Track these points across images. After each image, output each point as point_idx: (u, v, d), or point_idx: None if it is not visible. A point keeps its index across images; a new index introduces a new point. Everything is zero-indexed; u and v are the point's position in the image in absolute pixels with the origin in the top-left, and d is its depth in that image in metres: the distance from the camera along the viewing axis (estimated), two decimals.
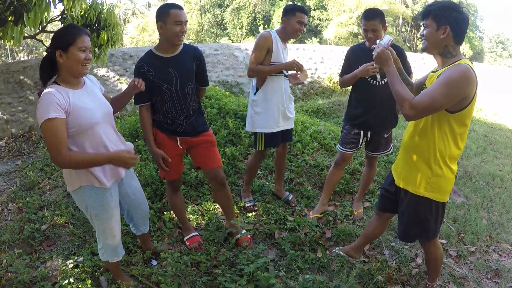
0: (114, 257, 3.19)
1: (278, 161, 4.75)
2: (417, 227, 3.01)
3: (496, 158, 7.67)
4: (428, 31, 2.70)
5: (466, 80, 2.51)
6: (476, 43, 38.38)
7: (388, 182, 3.29)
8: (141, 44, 37.13)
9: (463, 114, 2.65)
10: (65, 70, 2.69)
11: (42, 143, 7.29)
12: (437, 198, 2.87)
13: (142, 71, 3.37)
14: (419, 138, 2.85)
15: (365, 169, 4.68)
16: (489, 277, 3.80)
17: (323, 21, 38.86)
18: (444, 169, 2.80)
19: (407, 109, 2.60)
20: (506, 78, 17.42)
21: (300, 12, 4.05)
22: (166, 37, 3.36)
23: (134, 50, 10.83)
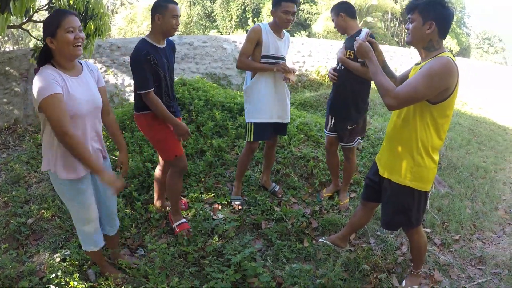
0: (91, 245, 3.12)
1: (267, 153, 4.76)
2: (400, 216, 3.06)
3: (480, 150, 7.76)
4: (414, 25, 2.74)
5: (448, 72, 2.57)
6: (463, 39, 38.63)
7: (373, 172, 3.33)
8: (129, 35, 36.82)
9: (444, 105, 2.69)
10: (59, 55, 2.67)
11: (28, 135, 7.23)
12: (419, 187, 2.92)
13: (148, 58, 3.43)
14: (402, 128, 2.90)
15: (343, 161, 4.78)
16: (473, 264, 3.87)
17: (312, 15, 38.77)
18: (426, 159, 2.85)
19: (389, 99, 2.65)
20: (492, 73, 17.56)
21: (285, 2, 4.03)
22: (162, 29, 3.53)
23: (122, 41, 10.75)
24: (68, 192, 2.88)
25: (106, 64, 10.22)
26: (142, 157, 5.14)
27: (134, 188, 4.58)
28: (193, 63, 11.58)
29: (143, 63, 3.41)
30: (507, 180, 6.34)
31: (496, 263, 3.87)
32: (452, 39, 36.02)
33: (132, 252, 3.83)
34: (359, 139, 4.54)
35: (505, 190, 5.90)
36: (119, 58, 10.27)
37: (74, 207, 2.95)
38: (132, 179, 4.71)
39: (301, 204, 4.68)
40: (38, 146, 6.19)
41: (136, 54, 3.44)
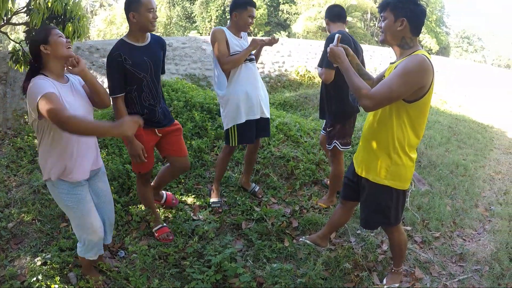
0: (91, 254, 3.14)
1: (248, 156, 4.70)
2: (379, 214, 3.06)
3: (459, 148, 7.82)
4: (386, 23, 2.75)
5: (422, 70, 2.57)
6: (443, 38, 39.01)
7: (351, 171, 3.32)
8: (108, 37, 36.58)
9: (420, 104, 2.70)
10: (52, 60, 2.78)
11: (8, 139, 7.12)
12: (397, 185, 2.92)
13: (119, 60, 3.34)
14: (378, 128, 2.89)
15: None
16: (453, 261, 3.88)
17: (292, 15, 38.90)
18: (403, 157, 2.85)
19: (364, 100, 2.64)
20: (471, 72, 17.80)
21: (251, 6, 4.06)
22: (140, 26, 3.39)
23: (101, 43, 10.68)
24: (68, 199, 2.90)
25: None
26: (121, 159, 5.09)
27: (114, 190, 4.53)
28: (173, 64, 11.54)
29: (113, 65, 3.37)
30: (486, 177, 6.39)
31: (476, 260, 3.89)
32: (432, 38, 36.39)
33: (112, 255, 3.78)
34: (336, 143, 4.36)
35: (485, 187, 5.94)
36: (98, 60, 10.19)
37: (76, 215, 2.96)
38: (112, 181, 4.65)
39: (281, 204, 4.66)
40: (18, 150, 6.12)
41: (108, 56, 3.40)
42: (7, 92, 8.37)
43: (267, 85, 13.57)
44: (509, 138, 9.84)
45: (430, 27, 36.68)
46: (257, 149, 4.68)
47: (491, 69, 21.29)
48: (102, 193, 3.23)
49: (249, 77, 4.22)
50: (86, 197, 2.97)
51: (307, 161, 5.41)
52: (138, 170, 3.80)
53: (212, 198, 4.56)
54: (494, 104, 14.28)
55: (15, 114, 8.26)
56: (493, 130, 10.53)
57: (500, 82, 17.09)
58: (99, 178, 3.19)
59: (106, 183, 3.28)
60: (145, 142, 3.59)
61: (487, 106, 14.00)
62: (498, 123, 11.47)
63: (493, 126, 11.04)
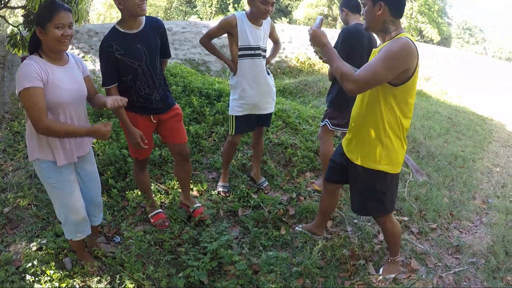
0: (77, 233, 3.11)
1: (254, 145, 4.67)
2: (375, 201, 3.06)
3: (458, 139, 7.80)
4: (366, 9, 2.76)
5: (406, 53, 2.57)
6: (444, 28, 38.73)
7: (338, 154, 3.32)
8: (108, 20, 36.21)
9: (407, 87, 2.70)
10: (46, 47, 2.75)
11: (5, 123, 7.08)
12: (390, 170, 2.92)
13: (110, 50, 3.23)
14: (367, 113, 2.88)
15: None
16: (450, 253, 3.87)
17: (293, 1, 38.65)
18: (394, 141, 2.86)
19: (348, 83, 2.62)
20: (472, 63, 17.71)
21: None
22: (128, 12, 3.18)
23: (100, 27, 10.57)
24: (51, 178, 2.90)
25: (84, 50, 9.98)
26: (118, 144, 5.05)
27: (111, 175, 4.51)
28: (172, 49, 11.41)
29: (104, 57, 3.28)
30: (485, 169, 6.38)
31: (472, 252, 3.88)
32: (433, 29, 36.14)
33: (108, 240, 3.78)
34: (327, 122, 4.48)
35: (483, 179, 5.93)
36: (96, 44, 10.06)
37: (58, 194, 2.95)
38: (108, 166, 4.64)
39: (278, 191, 4.65)
40: (15, 134, 6.09)
41: (100, 46, 3.31)
42: (4, 76, 8.31)
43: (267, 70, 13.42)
44: (508, 131, 9.83)
45: (432, 17, 36.42)
46: (261, 136, 4.62)
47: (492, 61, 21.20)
48: (90, 175, 3.22)
49: (255, 73, 4.16)
50: (70, 177, 2.96)
51: (305, 149, 5.39)
52: (135, 156, 3.77)
53: (219, 182, 4.58)
54: (494, 96, 14.23)
55: (12, 98, 8.19)
56: (492, 123, 10.50)
57: (500, 74, 17.02)
58: (86, 160, 3.18)
59: (93, 165, 3.27)
60: (140, 129, 3.52)
61: (487, 98, 13.95)
62: (497, 116, 11.44)
63: (493, 119, 11.02)
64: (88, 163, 3.20)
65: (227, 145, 4.43)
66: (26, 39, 5.89)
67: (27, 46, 5.90)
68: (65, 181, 2.93)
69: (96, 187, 3.28)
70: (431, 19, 36.38)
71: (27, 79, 2.58)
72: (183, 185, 4.04)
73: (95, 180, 3.27)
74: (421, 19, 36.27)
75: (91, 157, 3.25)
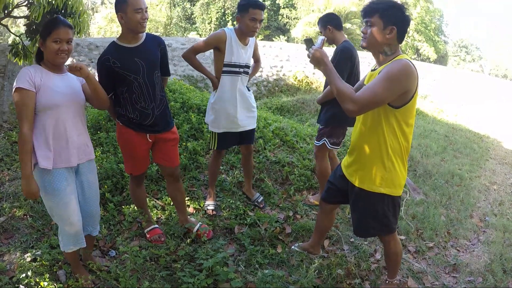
0: (70, 245, 3.10)
1: (244, 162, 4.66)
2: (377, 223, 3.02)
3: (455, 158, 7.83)
4: (374, 29, 2.71)
5: (406, 75, 2.56)
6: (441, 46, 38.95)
7: (337, 176, 3.30)
8: (108, 34, 36.38)
9: (408, 108, 2.69)
10: (45, 58, 2.94)
11: (3, 132, 7.09)
12: (392, 192, 2.89)
13: (107, 64, 3.30)
14: (369, 136, 2.86)
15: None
16: (447, 272, 3.86)
17: (291, 20, 38.90)
18: (396, 164, 2.83)
19: (349, 104, 2.60)
20: (468, 81, 17.82)
21: (253, 8, 3.88)
22: (128, 27, 3.29)
23: (100, 41, 10.63)
24: (49, 186, 2.91)
25: (84, 63, 10.00)
26: (116, 158, 5.05)
27: (108, 189, 4.50)
28: (171, 65, 11.48)
29: (102, 70, 3.37)
30: (482, 187, 6.39)
31: (470, 271, 3.87)
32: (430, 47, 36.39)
33: (103, 254, 3.75)
34: (326, 141, 4.49)
35: (480, 197, 5.94)
36: (97, 58, 10.10)
37: (54, 204, 2.95)
38: (105, 180, 4.63)
39: (275, 209, 4.64)
40: (13, 143, 6.10)
41: (98, 59, 3.40)
42: (4, 85, 8.34)
43: (265, 89, 13.58)
44: (505, 149, 9.87)
45: (429, 36, 36.68)
46: (250, 154, 4.58)
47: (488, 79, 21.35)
48: (91, 185, 3.23)
49: (236, 90, 4.15)
50: (67, 188, 2.96)
51: (302, 167, 5.39)
52: (130, 172, 3.77)
53: (207, 201, 4.53)
54: (491, 114, 14.32)
55: (11, 107, 8.21)
56: (489, 140, 10.55)
57: (496, 92, 17.13)
58: (89, 170, 3.20)
59: (95, 175, 3.28)
60: (136, 146, 3.56)
61: (484, 115, 14.04)
62: (494, 133, 11.50)
63: (489, 136, 11.07)
64: (91, 173, 3.22)
65: (212, 160, 4.46)
66: (27, 48, 5.93)
67: (28, 55, 5.99)
68: (62, 190, 2.92)
69: (95, 197, 3.28)
70: (428, 37, 36.65)
71: (20, 81, 2.76)
72: (178, 206, 4.02)
73: (95, 190, 3.27)
74: (417, 38, 36.53)
75: (93, 167, 3.27)
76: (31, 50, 6.00)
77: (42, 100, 2.82)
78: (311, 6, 37.11)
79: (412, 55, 36.81)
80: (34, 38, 5.74)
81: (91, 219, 3.29)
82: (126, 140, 3.57)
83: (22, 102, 2.76)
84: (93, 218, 3.30)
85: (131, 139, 3.53)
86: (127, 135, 3.52)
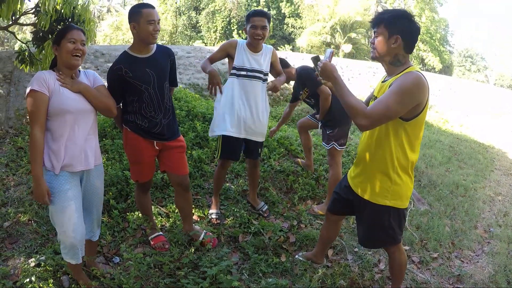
0: (67, 257, 3.10)
1: (250, 173, 4.66)
2: (383, 234, 3.01)
3: (460, 168, 7.81)
4: (380, 39, 2.72)
5: (418, 87, 2.55)
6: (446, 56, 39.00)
7: (343, 186, 3.28)
8: (114, 42, 36.61)
9: (417, 121, 2.68)
10: (60, 62, 2.97)
11: (9, 138, 7.13)
12: (398, 205, 2.88)
13: (119, 73, 3.34)
14: (376, 149, 2.85)
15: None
16: (451, 283, 3.85)
17: (297, 29, 39.05)
18: (403, 176, 2.82)
19: (361, 119, 2.57)
20: (473, 91, 17.81)
21: (253, 16, 4.00)
22: (140, 37, 3.34)
23: (106, 48, 10.69)
24: (50, 189, 2.89)
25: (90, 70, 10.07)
26: (121, 165, 5.07)
27: (112, 196, 4.52)
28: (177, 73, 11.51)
29: (113, 79, 3.41)
30: (487, 198, 6.38)
31: (474, 282, 3.86)
32: (435, 57, 36.43)
33: (107, 260, 3.76)
34: (334, 144, 4.71)
35: (484, 208, 5.93)
36: (103, 65, 10.17)
37: (53, 208, 2.94)
38: (110, 187, 4.64)
39: (280, 218, 4.64)
40: (18, 149, 6.13)
41: (110, 68, 3.43)
42: (11, 91, 8.41)
43: (270, 98, 13.56)
44: (510, 159, 9.85)
45: (434, 46, 36.73)
46: (255, 167, 4.58)
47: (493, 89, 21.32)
48: (96, 190, 3.23)
49: (241, 95, 4.15)
50: (68, 192, 2.94)
51: (306, 176, 5.40)
52: (136, 179, 3.78)
53: (211, 209, 4.53)
54: (496, 124, 14.29)
55: (17, 113, 8.26)
56: (494, 151, 10.53)
57: (502, 102, 17.11)
58: (96, 175, 3.20)
59: (101, 181, 3.29)
60: (143, 152, 3.58)
61: (489, 126, 14.01)
62: (499, 144, 11.47)
63: (494, 147, 11.05)
64: (97, 178, 3.22)
65: (217, 169, 4.43)
66: (34, 55, 5.97)
67: (34, 62, 6.03)
68: (62, 195, 2.90)
69: (98, 203, 3.29)
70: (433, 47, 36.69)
71: (34, 83, 2.79)
72: (184, 216, 4.00)
73: (99, 195, 3.27)
74: (422, 47, 36.55)
75: (101, 172, 3.27)
76: (38, 57, 6.04)
77: (54, 105, 2.84)
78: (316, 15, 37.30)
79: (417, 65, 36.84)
80: (40, 45, 5.78)
81: (92, 224, 3.30)
82: (133, 146, 3.59)
83: (36, 104, 2.78)
84: (94, 223, 3.31)
85: (138, 145, 3.55)
86: (134, 140, 3.54)
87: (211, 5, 38.95)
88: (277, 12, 39.74)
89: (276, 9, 39.67)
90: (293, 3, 39.18)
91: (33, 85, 2.78)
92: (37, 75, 2.85)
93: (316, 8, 37.58)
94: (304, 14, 38.61)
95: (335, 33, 35.33)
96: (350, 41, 34.72)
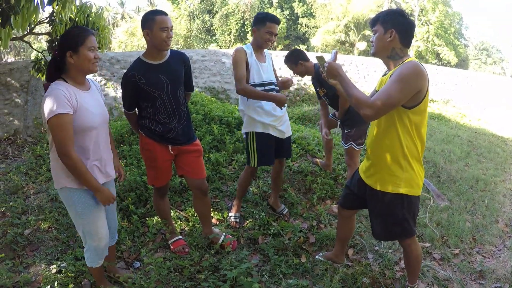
0: (98, 260, 3.14)
1: (275, 177, 4.65)
2: (398, 226, 3.04)
3: (479, 162, 7.73)
4: (377, 35, 2.88)
5: (417, 74, 2.65)
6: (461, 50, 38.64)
7: (354, 181, 3.32)
8: (129, 48, 36.91)
9: (420, 108, 2.77)
10: (75, 70, 2.83)
11: (27, 146, 7.24)
12: (411, 192, 2.93)
13: (133, 80, 3.38)
14: (384, 138, 2.92)
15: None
16: (473, 279, 3.82)
17: (310, 29, 39.03)
18: (413, 163, 2.89)
19: (365, 109, 2.68)
20: (490, 84, 17.60)
21: (270, 22, 4.01)
22: (153, 44, 3.37)
23: (121, 55, 10.77)
24: (80, 206, 2.92)
25: (106, 77, 10.18)
26: (139, 170, 5.13)
27: (131, 201, 4.56)
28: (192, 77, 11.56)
29: (127, 86, 3.46)
30: (507, 192, 6.30)
31: (496, 277, 3.82)
32: (450, 51, 36.09)
33: (127, 265, 3.81)
34: (352, 144, 4.78)
35: (505, 202, 5.86)
36: (118, 72, 10.26)
37: (84, 222, 2.97)
38: (129, 192, 4.69)
39: (299, 218, 4.64)
40: (37, 157, 6.22)
41: (124, 75, 3.46)
42: (28, 100, 8.54)
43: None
44: None
45: (449, 40, 36.40)
46: (282, 169, 4.59)
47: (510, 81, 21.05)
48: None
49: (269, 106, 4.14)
50: (97, 206, 2.99)
51: (325, 176, 5.38)
52: (152, 183, 3.83)
53: (230, 212, 4.55)
54: None
55: (35, 122, 8.39)
56: None
57: None
58: (111, 184, 3.25)
59: (114, 188, 3.33)
60: (158, 157, 3.62)
61: (507, 119, 13.83)
62: None
63: None
64: (112, 186, 3.26)
65: (245, 174, 4.41)
66: None
67: None
68: (92, 209, 2.95)
69: (114, 210, 3.37)
70: (448, 41, 36.34)
71: (58, 105, 2.62)
72: (204, 220, 4.02)
73: (113, 204, 3.33)
74: (437, 42, 36.25)
75: (113, 182, 3.32)
76: None
77: (79, 121, 2.76)
78: (329, 14, 37.26)
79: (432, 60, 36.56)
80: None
81: (111, 230, 3.34)
82: (148, 151, 3.64)
83: (65, 128, 2.66)
84: (111, 228, 3.35)
85: (153, 150, 3.60)
86: (149, 145, 3.60)
87: (224, 8, 39.10)
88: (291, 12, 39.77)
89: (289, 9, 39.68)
90: (306, 2, 39.19)
91: (57, 108, 2.62)
92: (56, 93, 2.66)
93: (329, 7, 37.58)
94: (318, 13, 38.60)
95: (349, 31, 35.25)
96: (364, 39, 34.62)
